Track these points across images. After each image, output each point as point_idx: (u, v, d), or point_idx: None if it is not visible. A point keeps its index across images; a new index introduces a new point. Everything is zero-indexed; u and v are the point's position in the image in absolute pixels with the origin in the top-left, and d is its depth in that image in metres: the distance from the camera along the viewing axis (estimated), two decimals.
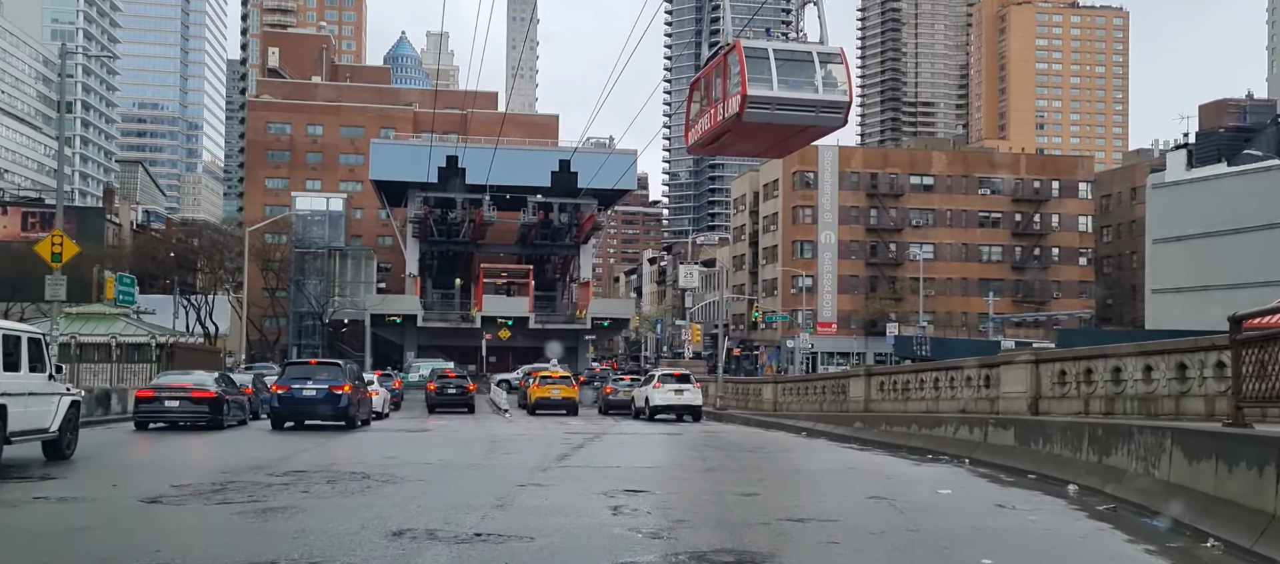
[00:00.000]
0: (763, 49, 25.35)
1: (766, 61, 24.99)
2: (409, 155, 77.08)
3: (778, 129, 26.35)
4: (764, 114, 25.12)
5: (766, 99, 24.68)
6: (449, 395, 39.56)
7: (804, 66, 25.49)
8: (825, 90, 25.42)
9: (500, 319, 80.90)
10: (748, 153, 42.36)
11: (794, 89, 25.11)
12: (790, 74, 25.23)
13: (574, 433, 25.07)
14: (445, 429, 26.64)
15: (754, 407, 36.56)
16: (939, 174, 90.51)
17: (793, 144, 31.13)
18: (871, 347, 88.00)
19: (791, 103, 25.29)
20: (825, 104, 25.65)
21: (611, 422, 33.45)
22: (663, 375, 34.49)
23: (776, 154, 40.66)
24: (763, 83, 24.67)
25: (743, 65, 24.54)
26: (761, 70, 24.83)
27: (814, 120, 26.24)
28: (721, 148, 30.00)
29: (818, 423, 26.95)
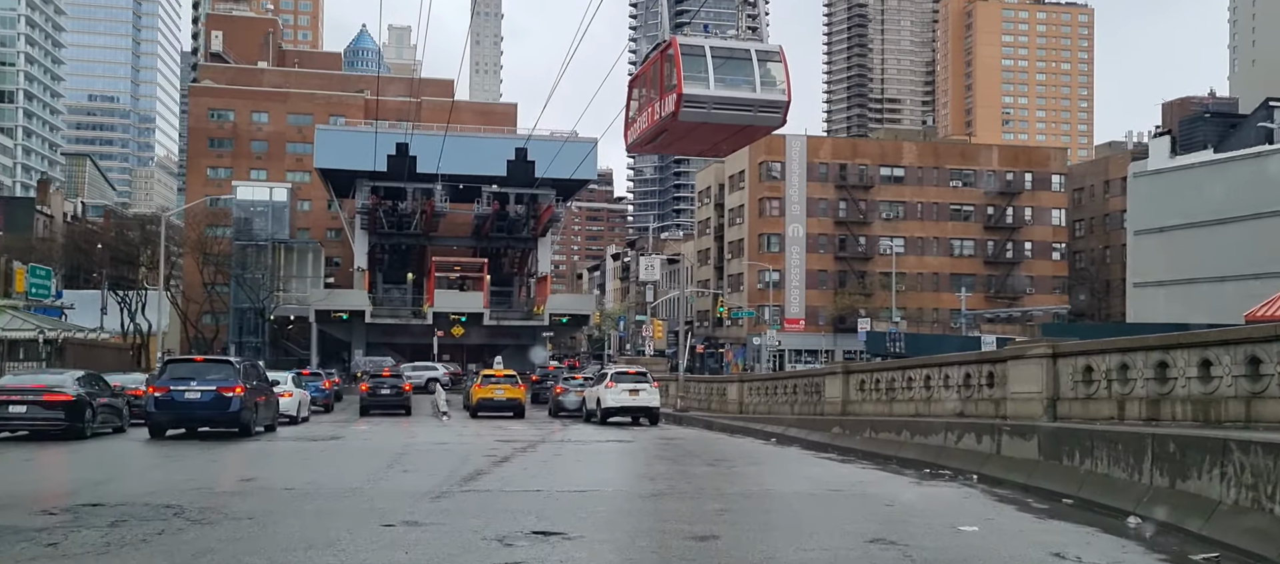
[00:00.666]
0: (699, 47, 24.76)
1: (703, 60, 24.44)
2: (356, 142, 72.82)
3: (715, 128, 25.75)
4: (700, 113, 24.48)
5: (703, 98, 24.09)
6: (383, 397, 35.92)
7: (742, 65, 25.04)
8: (763, 89, 24.92)
9: (453, 315, 76.91)
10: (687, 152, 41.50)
11: (731, 88, 24.68)
12: (727, 72, 24.78)
13: (508, 440, 21.53)
14: (360, 437, 23.01)
15: (718, 408, 33.21)
16: (909, 165, 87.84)
17: (732, 143, 30.35)
18: (841, 344, 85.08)
19: (728, 102, 24.77)
20: (763, 103, 25.05)
21: (559, 426, 29.96)
22: (616, 374, 31.03)
23: (716, 153, 39.87)
24: (699, 81, 24.13)
25: (678, 64, 23.93)
26: (698, 69, 24.37)
27: (752, 120, 25.54)
28: (660, 147, 29.21)
29: (789, 427, 23.61)
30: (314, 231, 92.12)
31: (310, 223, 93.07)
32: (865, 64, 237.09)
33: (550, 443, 21.27)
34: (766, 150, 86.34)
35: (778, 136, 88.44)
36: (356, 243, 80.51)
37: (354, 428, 26.96)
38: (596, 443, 21.51)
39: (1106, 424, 13.36)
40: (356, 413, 36.05)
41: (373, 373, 37.59)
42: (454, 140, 78.39)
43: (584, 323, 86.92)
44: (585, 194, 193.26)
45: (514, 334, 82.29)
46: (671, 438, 24.02)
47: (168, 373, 21.00)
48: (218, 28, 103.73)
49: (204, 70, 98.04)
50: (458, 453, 17.94)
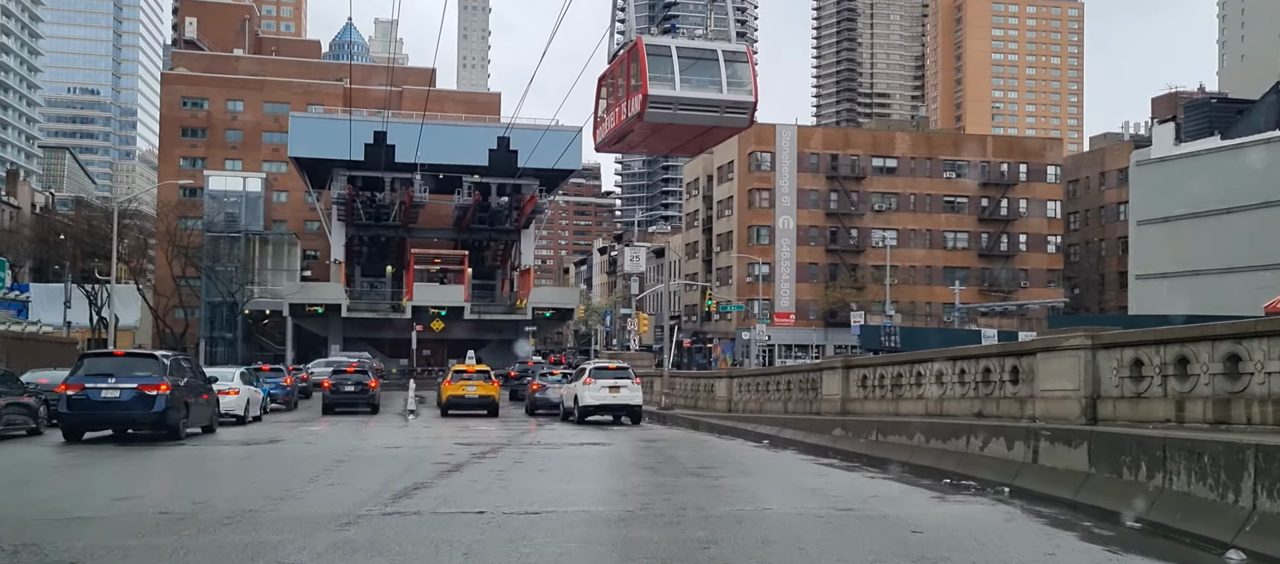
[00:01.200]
0: (665, 47, 24.70)
1: (669, 60, 24.41)
2: (333, 130, 69.96)
3: (682, 128, 25.67)
4: (666, 114, 24.43)
5: (668, 99, 24.04)
6: (346, 394, 33.58)
7: (708, 66, 25.01)
8: (730, 90, 24.89)
9: (433, 309, 74.48)
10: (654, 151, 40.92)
11: (697, 88, 24.69)
12: (694, 73, 24.79)
13: (469, 443, 19.24)
14: (304, 440, 20.68)
15: (705, 406, 30.99)
16: (902, 156, 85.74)
17: (699, 143, 30.40)
18: (832, 339, 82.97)
19: (694, 103, 24.75)
20: (729, 104, 25.00)
21: (533, 425, 27.68)
22: (595, 369, 28.73)
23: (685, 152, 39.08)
24: (665, 82, 24.12)
25: (644, 64, 23.86)
26: (664, 69, 24.39)
27: (718, 120, 25.52)
28: (628, 147, 29.23)
29: (783, 428, 21.37)
30: (291, 224, 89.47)
31: (287, 215, 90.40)
32: (854, 58, 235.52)
33: (517, 446, 18.97)
34: (756, 140, 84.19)
35: (767, 126, 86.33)
36: (333, 235, 77.96)
37: (306, 429, 24.61)
38: (569, 446, 19.21)
39: (1162, 428, 11.19)
40: (320, 411, 33.73)
41: (337, 368, 35.19)
42: (433, 129, 75.88)
43: (568, 317, 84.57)
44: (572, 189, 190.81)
45: (496, 328, 79.91)
46: (654, 439, 21.77)
47: (83, 369, 18.60)
48: (192, 14, 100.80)
49: (178, 57, 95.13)
50: (406, 459, 15.65)
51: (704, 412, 30.19)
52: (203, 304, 77.18)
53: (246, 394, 25.78)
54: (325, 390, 34.05)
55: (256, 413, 27.42)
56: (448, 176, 74.26)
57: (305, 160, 75.12)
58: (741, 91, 25.46)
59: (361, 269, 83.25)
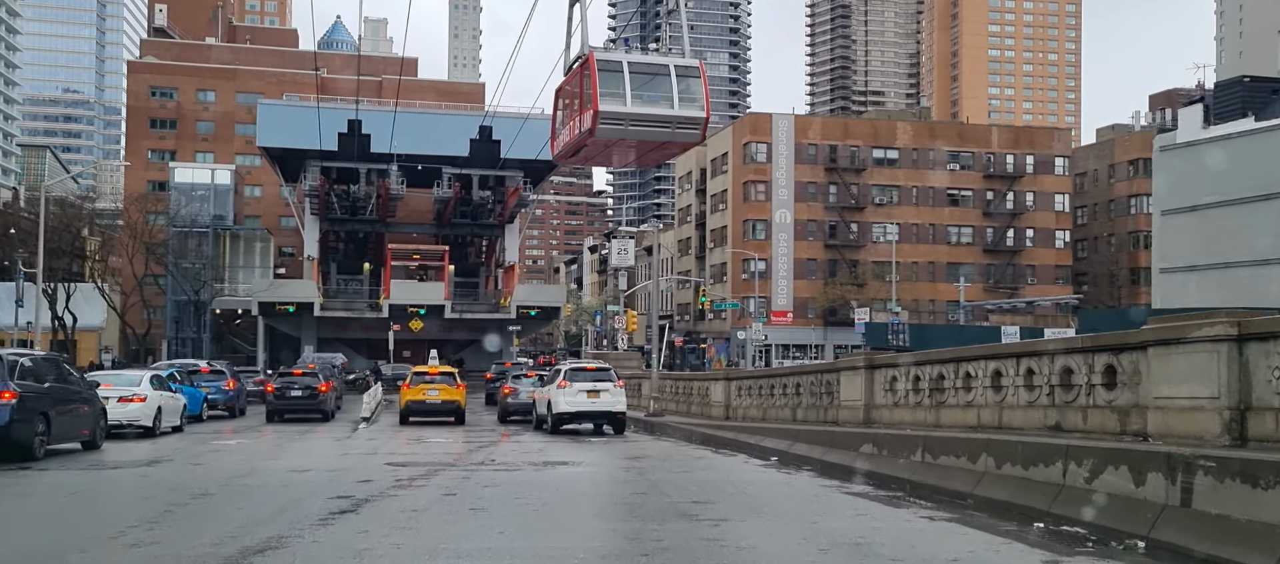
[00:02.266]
0: (617, 62, 24.49)
1: (620, 76, 24.31)
2: (305, 119, 65.46)
3: (635, 144, 25.59)
4: (617, 130, 24.20)
5: (619, 115, 23.81)
6: (292, 400, 29.61)
7: (660, 81, 24.86)
8: (681, 105, 24.57)
9: (411, 308, 70.47)
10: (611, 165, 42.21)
11: (648, 104, 24.45)
12: (645, 88, 24.65)
13: (404, 463, 15.36)
14: (200, 459, 16.72)
15: (700, 412, 27.13)
16: (904, 147, 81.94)
17: (653, 157, 30.02)
18: (832, 338, 79.20)
19: (645, 119, 24.51)
20: (681, 120, 24.71)
21: (503, 435, 23.81)
22: (572, 371, 24.81)
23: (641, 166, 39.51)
24: (615, 98, 23.95)
25: (594, 79, 23.76)
26: (614, 85, 24.27)
27: (670, 136, 25.27)
28: (583, 160, 29.01)
29: (795, 442, 17.48)
30: (266, 220, 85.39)
31: (262, 210, 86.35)
32: (849, 55, 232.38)
33: (463, 467, 15.06)
34: (751, 130, 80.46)
35: (763, 115, 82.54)
36: (307, 230, 73.84)
37: (222, 442, 20.66)
38: (529, 467, 15.29)
39: None
40: (264, 420, 29.80)
41: (282, 371, 31.26)
42: (411, 118, 71.94)
43: (555, 316, 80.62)
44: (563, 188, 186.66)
45: (479, 328, 75.91)
46: (638, 456, 17.88)
47: None
48: (163, 1, 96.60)
49: (146, 46, 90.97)
50: (302, 489, 11.76)
51: (698, 419, 26.34)
52: (168, 303, 73.13)
53: (157, 401, 21.80)
54: (268, 396, 30.03)
55: (175, 422, 23.47)
56: (427, 168, 70.29)
57: (276, 151, 71.05)
58: (693, 107, 25.21)
59: (338, 266, 79.16)
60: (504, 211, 75.18)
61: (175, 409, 23.75)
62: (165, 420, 22.68)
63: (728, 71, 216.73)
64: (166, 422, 22.76)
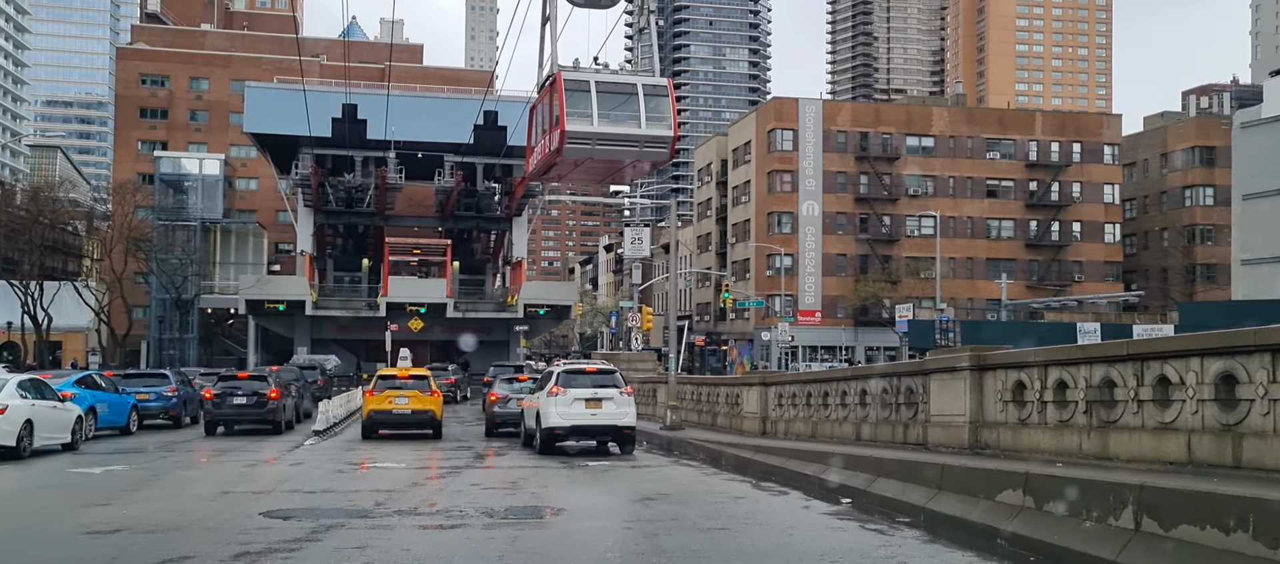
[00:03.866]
0: (584, 81, 24.62)
1: (587, 95, 24.43)
2: (297, 103, 60.19)
3: (605, 162, 25.79)
4: (584, 149, 24.41)
5: (586, 135, 24.02)
6: (236, 408, 24.59)
7: (627, 100, 24.99)
8: (649, 124, 24.84)
9: (411, 306, 65.48)
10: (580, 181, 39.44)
11: (616, 124, 24.57)
12: (612, 107, 24.63)
13: (294, 512, 10.17)
14: (11, 499, 11.59)
15: (728, 424, 21.88)
16: (940, 134, 76.29)
17: (623, 175, 30.26)
18: (863, 339, 73.72)
19: (613, 138, 24.63)
20: (649, 139, 24.98)
21: (472, 457, 18.59)
22: (566, 374, 19.49)
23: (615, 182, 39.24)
24: (582, 118, 24.07)
25: (561, 99, 23.85)
26: (582, 104, 24.28)
27: (638, 155, 25.60)
28: (554, 178, 29.22)
29: (877, 476, 12.08)
30: (262, 215, 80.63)
31: (258, 204, 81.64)
32: (870, 52, 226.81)
33: (375, 520, 9.85)
34: (776, 116, 75.06)
35: (789, 100, 77.10)
36: (300, 223, 69.01)
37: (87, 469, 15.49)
38: (477, 521, 10.00)
39: None
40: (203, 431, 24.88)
41: (223, 375, 26.31)
42: (409, 102, 67.01)
43: (565, 315, 75.37)
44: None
45: (485, 327, 70.81)
46: (649, 494, 12.61)
47: None
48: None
49: (138, 32, 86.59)
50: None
51: (726, 433, 21.07)
52: (152, 301, 68.46)
53: (23, 413, 16.75)
54: (206, 402, 25.01)
55: (63, 439, 18.51)
56: (427, 157, 65.32)
57: (268, 139, 66.32)
58: (660, 125, 25.10)
59: (335, 262, 74.27)
60: (511, 204, 70.10)
61: (61, 422, 18.71)
62: (44, 437, 17.68)
63: (747, 68, 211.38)
64: (47, 438, 17.75)
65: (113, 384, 25.67)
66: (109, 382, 25.87)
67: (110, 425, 23.54)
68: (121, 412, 24.23)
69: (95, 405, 22.52)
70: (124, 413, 24.29)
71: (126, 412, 24.48)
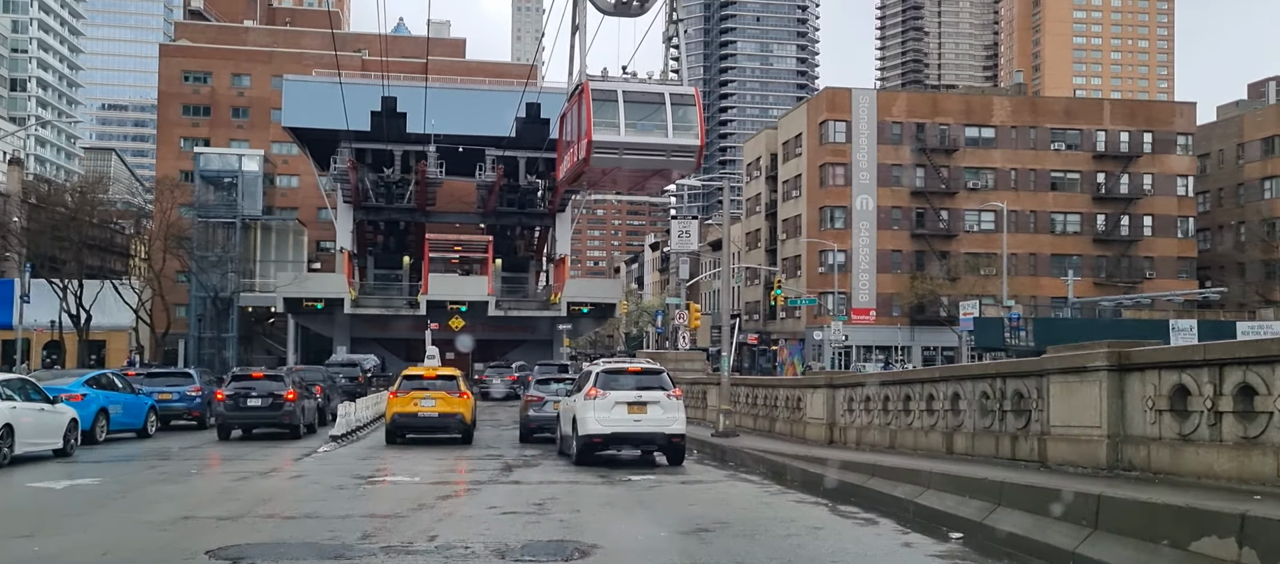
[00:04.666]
0: (611, 91, 24.56)
1: (614, 105, 24.33)
2: (335, 97, 58.63)
3: (632, 171, 25.82)
4: (611, 158, 24.45)
5: (613, 144, 24.01)
6: (249, 411, 22.70)
7: (654, 109, 24.89)
8: (676, 134, 24.80)
9: (451, 304, 63.59)
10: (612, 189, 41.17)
11: (643, 133, 24.49)
12: (639, 117, 24.48)
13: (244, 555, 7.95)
14: None
15: (789, 430, 19.46)
16: (1001, 125, 72.78)
17: (651, 184, 30.01)
18: (920, 338, 70.61)
19: (640, 147, 24.60)
20: (676, 148, 24.97)
21: (499, 468, 16.36)
22: (606, 374, 17.13)
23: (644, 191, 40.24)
24: (609, 127, 24.07)
25: (588, 109, 23.81)
26: (609, 114, 24.18)
27: (665, 164, 25.64)
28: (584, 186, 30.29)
29: (992, 507, 9.58)
30: (304, 212, 79.47)
31: (299, 201, 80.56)
32: (920, 48, 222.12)
33: (347, 561, 7.59)
34: (829, 107, 72.17)
35: (841, 91, 74.15)
36: (339, 219, 67.54)
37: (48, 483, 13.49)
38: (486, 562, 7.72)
39: None
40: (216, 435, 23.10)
41: (238, 374, 24.58)
42: (449, 94, 65.34)
43: (609, 314, 73.05)
44: None
45: (528, 326, 68.92)
46: (703, 525, 10.23)
47: None
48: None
49: (180, 29, 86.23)
50: None
51: (786, 441, 18.64)
52: (191, 300, 67.49)
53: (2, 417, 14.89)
54: (218, 404, 23.15)
55: (54, 444, 16.80)
56: (468, 150, 63.46)
57: (306, 133, 64.98)
58: (688, 135, 25.01)
59: (376, 260, 72.83)
60: (554, 199, 68.01)
61: (50, 426, 16.89)
62: (29, 442, 15.87)
63: (794, 64, 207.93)
64: (32, 444, 15.95)
65: (129, 384, 24.13)
66: (126, 381, 24.44)
67: (125, 428, 22.11)
68: (137, 413, 22.74)
69: (107, 407, 21.13)
70: (140, 414, 22.81)
71: (143, 413, 22.95)
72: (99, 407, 20.68)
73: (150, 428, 23.11)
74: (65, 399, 19.16)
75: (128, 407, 22.35)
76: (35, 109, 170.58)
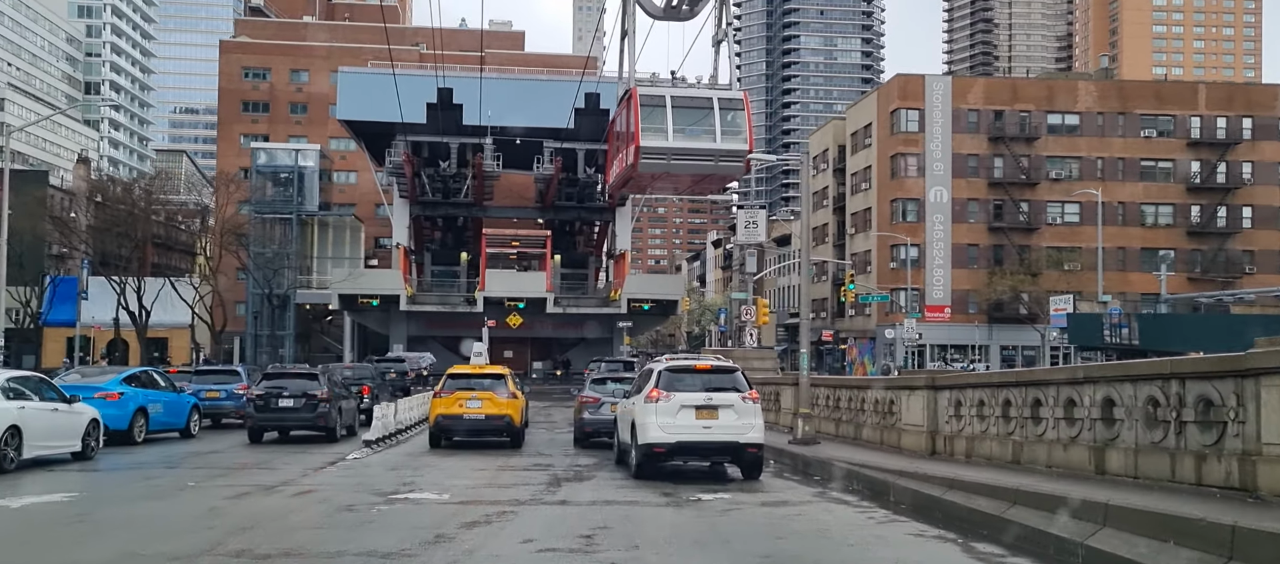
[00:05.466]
0: (660, 97, 25.23)
1: (662, 110, 24.83)
2: (390, 89, 57.19)
3: (680, 176, 26.29)
4: (659, 164, 25.04)
5: (660, 150, 24.62)
6: (281, 412, 20.92)
7: (702, 114, 25.23)
8: (724, 138, 25.17)
9: (509, 301, 61.88)
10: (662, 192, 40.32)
11: (690, 138, 24.91)
12: (687, 122, 24.82)
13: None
14: None
15: (879, 439, 16.87)
16: (1086, 111, 68.60)
17: (700, 188, 31.00)
18: (999, 337, 66.94)
19: (688, 153, 25.07)
20: (724, 153, 25.27)
21: (546, 482, 14.06)
22: (671, 373, 14.62)
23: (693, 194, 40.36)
24: (657, 133, 24.61)
25: (636, 115, 24.45)
26: (656, 120, 24.70)
27: (713, 169, 26.06)
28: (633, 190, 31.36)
29: (1226, 560, 6.94)
30: (361, 209, 78.61)
31: (357, 197, 79.67)
32: (990, 41, 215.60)
33: None
34: (900, 95, 68.82)
35: (914, 77, 70.70)
36: (395, 214, 66.25)
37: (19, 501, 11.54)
38: None
39: None
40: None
41: (272, 372, 22.91)
42: (506, 85, 63.54)
43: (671, 311, 70.62)
44: None
45: (586, 324, 66.95)
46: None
47: None
48: None
49: (240, 25, 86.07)
50: None
51: (875, 450, 16.05)
52: (248, 297, 66.82)
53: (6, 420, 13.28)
54: (248, 404, 21.53)
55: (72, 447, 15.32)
56: (526, 143, 61.66)
57: (361, 126, 63.85)
58: (736, 140, 25.17)
59: (433, 256, 71.42)
60: (613, 193, 65.83)
61: (68, 428, 15.58)
62: (42, 444, 14.43)
63: (859, 58, 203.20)
64: (47, 445, 14.53)
65: (171, 382, 23.12)
66: (168, 379, 23.38)
67: (167, 428, 21.24)
68: (179, 412, 21.74)
69: (146, 406, 20.12)
70: (182, 414, 21.83)
71: (185, 412, 21.92)
72: (137, 406, 19.72)
73: (194, 428, 22.10)
74: (100, 398, 18.33)
75: (169, 406, 21.32)
76: (108, 112, 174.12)
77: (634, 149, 24.46)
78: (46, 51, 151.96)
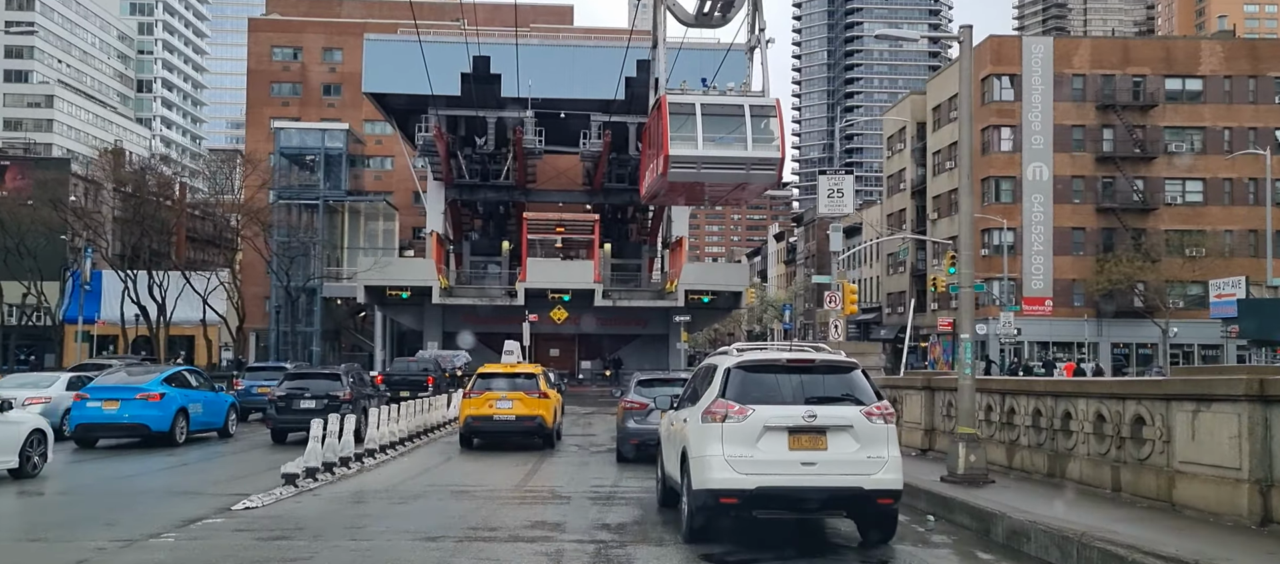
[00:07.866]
0: (689, 104, 24.37)
1: (692, 119, 24.07)
2: (421, 57, 50.75)
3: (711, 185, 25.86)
4: (689, 173, 24.49)
5: (691, 158, 24.01)
6: (302, 413, 18.61)
7: (733, 122, 24.51)
8: (755, 146, 24.43)
9: (552, 293, 55.43)
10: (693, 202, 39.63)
11: (721, 146, 24.27)
12: (718, 130, 24.18)
13: None
14: None
15: (1111, 480, 9.84)
16: (1211, 75, 59.95)
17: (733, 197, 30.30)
18: (1109, 332, 58.72)
19: (718, 161, 24.45)
20: (755, 161, 24.68)
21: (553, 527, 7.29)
22: (746, 373, 7.68)
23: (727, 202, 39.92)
24: (687, 141, 23.98)
25: (665, 123, 23.80)
26: (686, 128, 24.03)
27: (744, 177, 25.37)
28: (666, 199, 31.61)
29: None
30: (399, 197, 72.83)
31: (394, 184, 73.96)
32: (1064, 26, 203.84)
33: None
34: (993, 59, 60.85)
35: (1009, 38, 62.62)
36: (428, 199, 60.27)
37: None
38: None
39: None
40: None
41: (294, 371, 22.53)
42: (549, 51, 57.11)
43: (734, 304, 63.42)
44: None
45: (639, 318, 60.26)
46: None
47: None
48: None
49: (272, 3, 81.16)
50: None
51: (1103, 498, 9.02)
52: (272, 290, 61.39)
53: None
54: (269, 406, 20.41)
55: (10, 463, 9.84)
56: (571, 116, 55.07)
57: (391, 100, 57.93)
58: (768, 147, 24.91)
59: (473, 246, 65.37)
60: None
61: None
62: None
63: (925, 44, 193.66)
64: None
65: (209, 381, 23.31)
66: (205, 378, 23.21)
67: (206, 427, 21.13)
68: (217, 412, 21.59)
69: (186, 406, 19.93)
70: (221, 413, 21.72)
71: (223, 412, 21.82)
72: (178, 407, 19.61)
73: (231, 427, 21.97)
74: (141, 399, 18.68)
75: (208, 405, 21.25)
76: (161, 110, 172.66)
77: (663, 158, 23.93)
78: (98, 48, 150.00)
